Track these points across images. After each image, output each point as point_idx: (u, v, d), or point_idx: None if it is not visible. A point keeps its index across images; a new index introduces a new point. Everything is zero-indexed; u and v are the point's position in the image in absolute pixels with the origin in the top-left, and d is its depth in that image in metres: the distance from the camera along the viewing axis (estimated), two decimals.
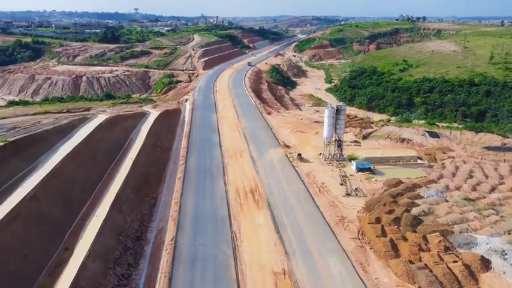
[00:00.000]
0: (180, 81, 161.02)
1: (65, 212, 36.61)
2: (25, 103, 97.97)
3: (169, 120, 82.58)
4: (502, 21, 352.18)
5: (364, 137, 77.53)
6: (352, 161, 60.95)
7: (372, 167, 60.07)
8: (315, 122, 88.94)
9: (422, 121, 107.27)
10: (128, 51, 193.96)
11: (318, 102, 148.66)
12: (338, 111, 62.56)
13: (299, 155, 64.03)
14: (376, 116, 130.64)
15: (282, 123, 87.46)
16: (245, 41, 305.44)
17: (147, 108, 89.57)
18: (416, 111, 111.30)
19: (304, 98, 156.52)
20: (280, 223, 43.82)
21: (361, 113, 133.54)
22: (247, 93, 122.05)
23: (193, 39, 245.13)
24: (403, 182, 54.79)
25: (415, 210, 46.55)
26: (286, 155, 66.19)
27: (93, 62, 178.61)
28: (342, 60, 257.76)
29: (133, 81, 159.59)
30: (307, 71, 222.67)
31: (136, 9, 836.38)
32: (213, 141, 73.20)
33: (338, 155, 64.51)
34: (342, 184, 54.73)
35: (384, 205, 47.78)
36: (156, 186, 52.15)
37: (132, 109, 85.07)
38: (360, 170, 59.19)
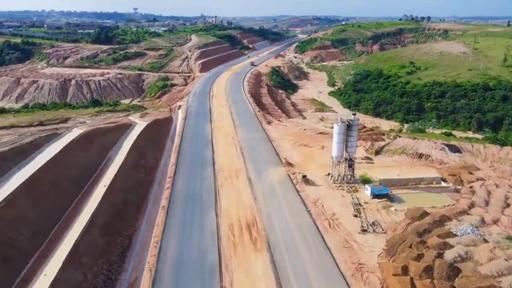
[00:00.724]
0: (175, 85, 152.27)
1: (2, 272, 27.91)
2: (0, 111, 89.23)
3: (157, 132, 73.78)
4: (509, 22, 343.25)
5: (377, 152, 68.74)
6: (366, 185, 52.14)
7: (389, 193, 51.31)
8: (320, 133, 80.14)
9: (437, 130, 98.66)
10: (121, 52, 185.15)
11: (321, 107, 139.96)
12: (349, 126, 53.72)
13: (304, 176, 55.23)
14: (383, 123, 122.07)
15: (284, 134, 78.64)
16: (245, 41, 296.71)
17: (134, 117, 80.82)
18: (431, 120, 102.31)
19: (306, 102, 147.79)
20: (282, 274, 35.07)
21: (368, 120, 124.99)
22: (245, 98, 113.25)
23: (191, 39, 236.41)
24: (428, 213, 46.05)
25: (449, 255, 37.76)
26: (288, 175, 57.42)
27: (84, 64, 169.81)
28: (345, 62, 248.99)
29: (126, 85, 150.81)
30: (308, 73, 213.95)
31: (135, 9, 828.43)
32: (205, 157, 64.42)
33: (349, 177, 55.74)
34: (355, 216, 46.00)
35: (410, 247, 39.04)
36: (133, 220, 43.35)
37: (117, 119, 76.34)
38: (375, 196, 50.41)
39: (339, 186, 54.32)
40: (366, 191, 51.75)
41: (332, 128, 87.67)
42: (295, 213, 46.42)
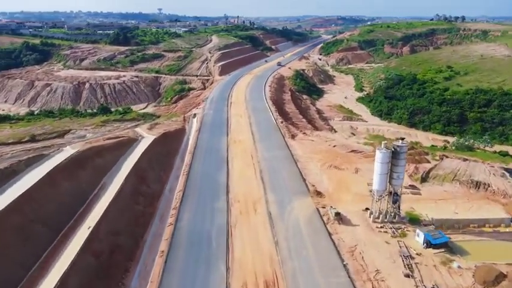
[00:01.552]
0: (193, 89, 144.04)
1: None
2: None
3: (166, 148, 64.84)
4: None
5: (423, 179, 57.39)
6: (418, 231, 41.13)
7: (449, 241, 40.22)
8: (352, 151, 69.25)
9: (487, 146, 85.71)
10: (139, 54, 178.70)
11: (349, 115, 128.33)
12: (396, 153, 42.84)
13: (337, 214, 44.72)
14: (420, 135, 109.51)
15: (310, 152, 68.18)
16: (267, 42, 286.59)
17: (141, 130, 72.23)
18: (482, 137, 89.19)
19: (332, 109, 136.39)
20: None
21: (403, 131, 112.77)
22: (266, 106, 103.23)
23: (211, 40, 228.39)
24: (505, 275, 34.90)
25: None
26: (317, 210, 47.06)
27: (101, 66, 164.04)
28: (373, 64, 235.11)
29: (142, 89, 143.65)
30: (334, 76, 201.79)
31: (159, 9, 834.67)
32: (219, 182, 54.84)
33: (393, 215, 44.89)
34: (407, 276, 35.31)
35: None
36: (121, 275, 34.14)
37: (121, 132, 67.90)
38: (430, 245, 39.48)
39: (381, 227, 43.58)
40: (417, 237, 40.84)
41: (366, 144, 77.16)
42: (328, 269, 36.13)
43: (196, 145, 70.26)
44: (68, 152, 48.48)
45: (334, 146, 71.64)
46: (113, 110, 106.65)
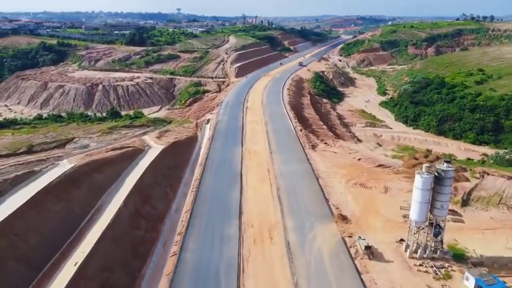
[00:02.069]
0: (208, 91, 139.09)
1: None
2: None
3: (174, 160, 59.47)
4: None
5: (464, 202, 50.11)
6: (467, 274, 34.20)
7: None
8: (379, 165, 62.33)
9: None
10: (155, 55, 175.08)
11: (372, 121, 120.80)
12: (440, 179, 35.99)
13: (368, 248, 38.15)
14: (450, 144, 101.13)
15: (333, 166, 61.63)
16: (285, 42, 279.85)
17: (149, 138, 67.14)
18: None
19: (354, 114, 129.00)
20: None
21: (431, 139, 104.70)
22: (284, 112, 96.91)
23: (228, 41, 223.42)
24: None
25: None
26: (343, 240, 40.63)
27: (115, 67, 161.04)
28: (396, 66, 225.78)
29: (155, 91, 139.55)
30: (355, 78, 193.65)
31: (178, 9, 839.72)
32: (231, 201, 48.98)
33: (435, 249, 38.06)
34: None
35: None
36: None
37: (127, 141, 62.89)
38: None
39: (420, 265, 36.82)
40: (466, 282, 33.95)
41: (394, 157, 70.04)
42: None
43: (208, 156, 64.62)
44: (63, 167, 43.57)
45: (359, 159, 64.79)
46: (124, 113, 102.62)
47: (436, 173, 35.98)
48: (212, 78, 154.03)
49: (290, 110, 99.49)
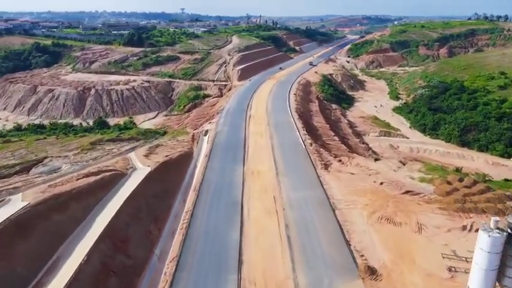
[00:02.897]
0: (209, 96, 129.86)
1: None
2: None
3: (163, 186, 49.86)
4: None
5: None
6: None
7: None
8: (406, 192, 52.36)
9: None
10: (153, 56, 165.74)
11: (387, 130, 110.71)
12: None
13: None
14: (476, 157, 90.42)
15: (351, 192, 51.78)
16: (291, 43, 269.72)
17: (136, 156, 57.62)
18: None
19: (366, 122, 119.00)
20: None
21: (454, 151, 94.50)
22: (292, 121, 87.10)
23: (231, 41, 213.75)
24: None
25: None
26: None
27: (111, 70, 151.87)
28: (407, 68, 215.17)
29: (152, 95, 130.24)
30: (365, 81, 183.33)
31: (182, 9, 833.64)
32: (228, 243, 39.25)
33: None
34: None
35: None
36: None
37: (109, 162, 53.40)
38: None
39: None
40: None
41: (423, 180, 60.12)
42: None
43: (204, 178, 54.97)
44: (12, 206, 34.18)
45: (382, 184, 54.78)
46: (114, 122, 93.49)
47: (509, 230, 26.06)
48: (213, 81, 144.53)
49: (298, 119, 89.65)
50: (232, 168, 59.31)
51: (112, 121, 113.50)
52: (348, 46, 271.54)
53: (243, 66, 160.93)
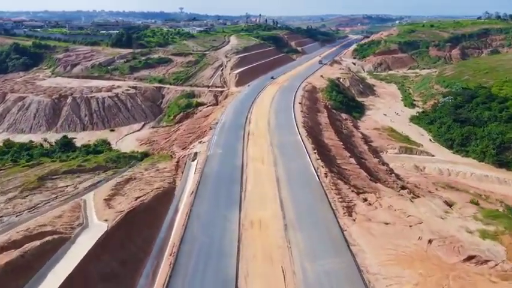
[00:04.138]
0: (202, 104, 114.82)
1: None
2: None
3: (124, 254, 34.62)
4: None
5: None
6: None
7: None
8: (469, 258, 37.03)
9: None
10: (142, 58, 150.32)
11: (408, 145, 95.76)
12: None
13: None
14: None
15: (390, 258, 36.57)
16: (292, 43, 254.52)
17: (93, 201, 42.36)
18: None
19: (382, 135, 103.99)
20: None
21: (491, 173, 79.31)
22: (299, 140, 71.83)
23: (229, 42, 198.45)
24: None
25: None
26: None
27: (93, 74, 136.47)
28: (417, 70, 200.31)
29: (138, 103, 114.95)
30: (374, 85, 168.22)
31: (181, 8, 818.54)
32: None
33: None
34: None
35: None
36: None
37: (51, 214, 38.15)
38: None
39: None
40: None
41: (485, 236, 44.32)
42: None
43: (184, 235, 39.68)
44: None
45: (431, 242, 39.52)
46: (82, 142, 78.27)
47: None
48: (208, 87, 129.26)
49: (306, 137, 74.35)
50: (224, 215, 44.02)
51: (90, 135, 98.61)
52: (353, 47, 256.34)
53: (241, 69, 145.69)
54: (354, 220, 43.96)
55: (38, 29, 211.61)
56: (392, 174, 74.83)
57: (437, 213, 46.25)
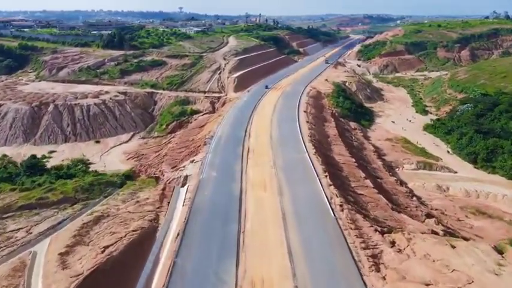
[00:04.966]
0: (198, 112, 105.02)
1: None
2: None
3: None
4: None
5: None
6: None
7: None
8: None
9: None
10: (134, 61, 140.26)
11: (426, 160, 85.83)
12: None
13: None
14: None
15: None
16: (293, 44, 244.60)
17: (44, 259, 32.42)
18: None
19: (396, 146, 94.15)
20: None
21: None
22: (306, 158, 61.92)
23: (227, 42, 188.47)
24: None
25: None
26: None
27: (80, 78, 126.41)
28: (426, 73, 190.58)
29: (128, 111, 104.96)
30: (381, 89, 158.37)
31: (180, 8, 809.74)
32: None
33: None
34: None
35: None
36: None
37: None
38: None
39: None
40: None
41: None
42: None
43: None
44: None
45: None
46: (53, 163, 68.32)
47: None
48: (204, 92, 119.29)
49: (315, 154, 64.36)
50: (217, 273, 34.06)
51: (72, 148, 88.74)
52: (357, 47, 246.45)
53: (240, 73, 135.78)
54: (384, 279, 34.02)
55: (26, 29, 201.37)
56: (414, 198, 64.96)
57: (488, 266, 36.29)
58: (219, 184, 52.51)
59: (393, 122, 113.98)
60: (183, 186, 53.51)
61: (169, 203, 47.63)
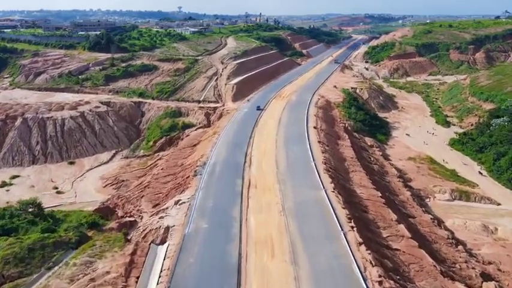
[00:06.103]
0: (190, 126, 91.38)
1: None
2: None
3: None
4: None
5: None
6: None
7: None
8: None
9: None
10: (122, 65, 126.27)
11: (462, 188, 72.18)
12: None
13: None
14: None
15: None
16: (296, 45, 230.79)
17: None
18: None
19: (421, 168, 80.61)
20: None
21: None
22: (323, 199, 47.97)
23: (226, 44, 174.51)
24: None
25: None
26: None
27: (59, 86, 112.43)
28: (439, 76, 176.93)
29: (110, 125, 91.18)
30: (394, 95, 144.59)
31: (179, 7, 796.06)
32: None
33: None
34: None
35: None
36: None
37: None
38: None
39: None
40: None
41: None
42: None
43: None
44: None
45: None
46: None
47: None
48: (199, 102, 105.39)
49: (334, 191, 50.42)
50: None
51: (40, 171, 75.10)
52: (363, 49, 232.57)
53: (239, 78, 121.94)
54: None
55: (7, 30, 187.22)
56: (459, 246, 51.22)
57: None
58: (210, 243, 38.66)
59: (407, 134, 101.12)
60: (162, 243, 39.74)
61: (138, 278, 33.76)
